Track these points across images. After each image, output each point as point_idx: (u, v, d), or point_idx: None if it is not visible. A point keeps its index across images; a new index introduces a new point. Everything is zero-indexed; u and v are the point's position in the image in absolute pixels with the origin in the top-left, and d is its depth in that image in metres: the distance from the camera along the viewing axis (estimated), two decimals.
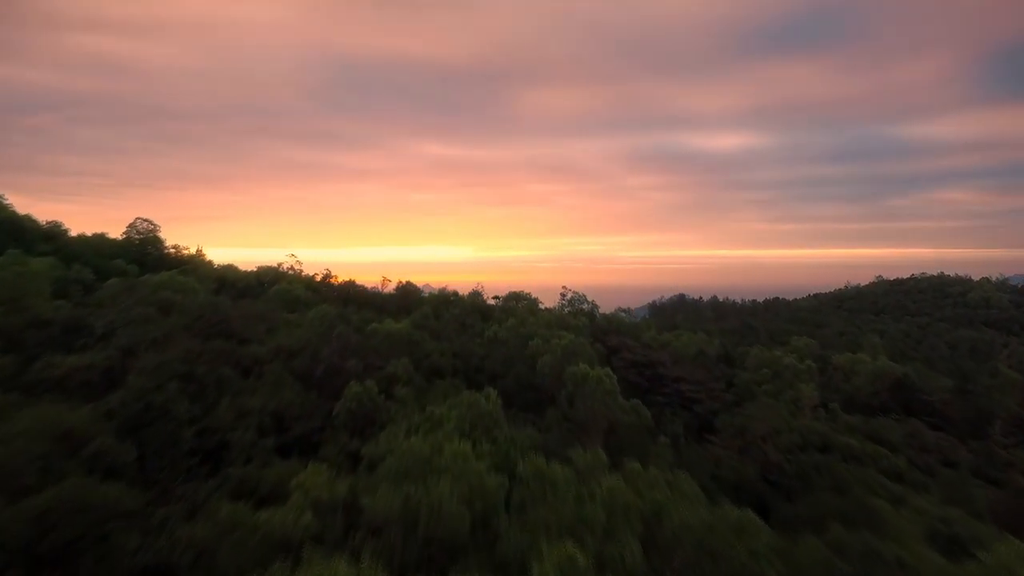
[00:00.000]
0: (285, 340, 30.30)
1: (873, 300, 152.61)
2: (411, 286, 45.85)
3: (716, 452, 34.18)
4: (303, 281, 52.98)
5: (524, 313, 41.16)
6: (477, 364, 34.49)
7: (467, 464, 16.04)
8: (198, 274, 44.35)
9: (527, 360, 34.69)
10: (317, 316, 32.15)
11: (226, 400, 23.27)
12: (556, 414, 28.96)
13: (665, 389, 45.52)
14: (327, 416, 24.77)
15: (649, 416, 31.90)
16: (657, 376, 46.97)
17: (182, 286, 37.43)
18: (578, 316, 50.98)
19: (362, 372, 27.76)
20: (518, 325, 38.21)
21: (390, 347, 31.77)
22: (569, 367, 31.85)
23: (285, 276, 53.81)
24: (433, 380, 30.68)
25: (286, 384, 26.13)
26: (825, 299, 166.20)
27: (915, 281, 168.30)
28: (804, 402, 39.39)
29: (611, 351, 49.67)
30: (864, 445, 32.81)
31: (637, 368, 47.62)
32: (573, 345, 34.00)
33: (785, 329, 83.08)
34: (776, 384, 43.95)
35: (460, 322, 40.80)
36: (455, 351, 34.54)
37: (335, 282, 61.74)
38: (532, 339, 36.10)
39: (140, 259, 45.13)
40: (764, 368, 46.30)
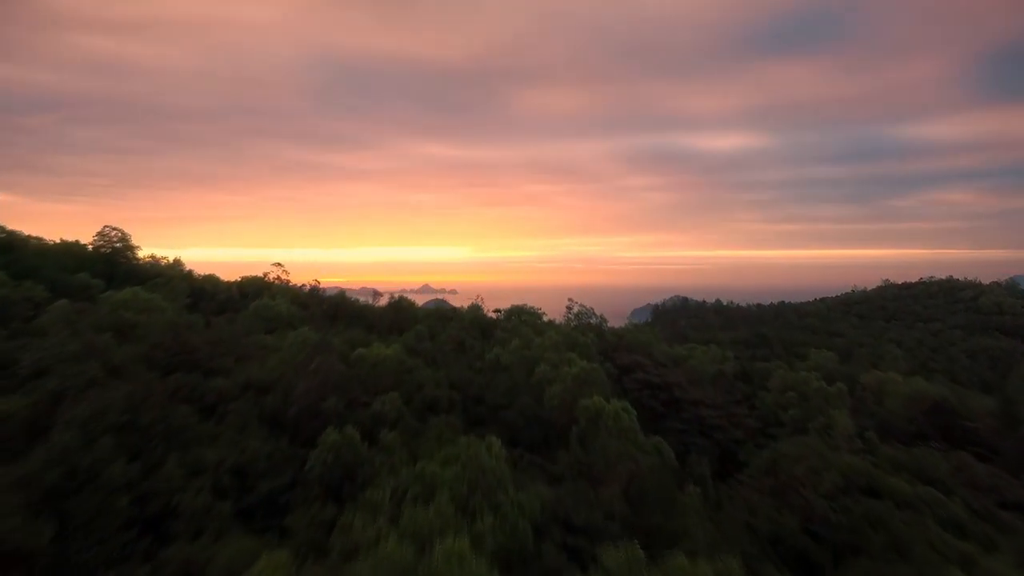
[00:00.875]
0: (257, 372, 26.41)
1: (882, 305, 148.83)
2: (404, 301, 41.93)
3: (747, 495, 30.41)
4: (289, 293, 49.09)
5: (528, 333, 37.28)
6: (477, 394, 30.63)
7: (464, 568, 12.25)
8: (171, 288, 40.46)
9: (533, 389, 30.86)
10: (296, 341, 28.27)
11: (176, 455, 19.39)
12: (569, 458, 25.14)
13: (683, 414, 41.70)
14: (300, 468, 20.92)
15: (673, 456, 28.12)
16: (674, 400, 43.14)
17: (147, 304, 33.56)
18: (586, 332, 47.12)
19: (343, 411, 23.88)
20: (522, 347, 34.36)
21: (378, 378, 27.91)
22: (582, 399, 28.05)
23: (270, 288, 49.93)
24: (427, 417, 26.81)
25: (253, 429, 22.25)
26: (832, 303, 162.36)
27: (924, 285, 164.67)
28: (839, 432, 35.53)
29: (623, 371, 45.85)
30: (915, 487, 28.93)
31: (652, 391, 43.79)
32: (585, 373, 30.16)
33: (800, 340, 79.27)
34: (804, 409, 40.10)
35: (458, 342, 36.95)
36: (452, 380, 30.68)
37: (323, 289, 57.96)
38: (538, 364, 32.27)
39: (108, 272, 41.24)
40: (790, 391, 42.43)
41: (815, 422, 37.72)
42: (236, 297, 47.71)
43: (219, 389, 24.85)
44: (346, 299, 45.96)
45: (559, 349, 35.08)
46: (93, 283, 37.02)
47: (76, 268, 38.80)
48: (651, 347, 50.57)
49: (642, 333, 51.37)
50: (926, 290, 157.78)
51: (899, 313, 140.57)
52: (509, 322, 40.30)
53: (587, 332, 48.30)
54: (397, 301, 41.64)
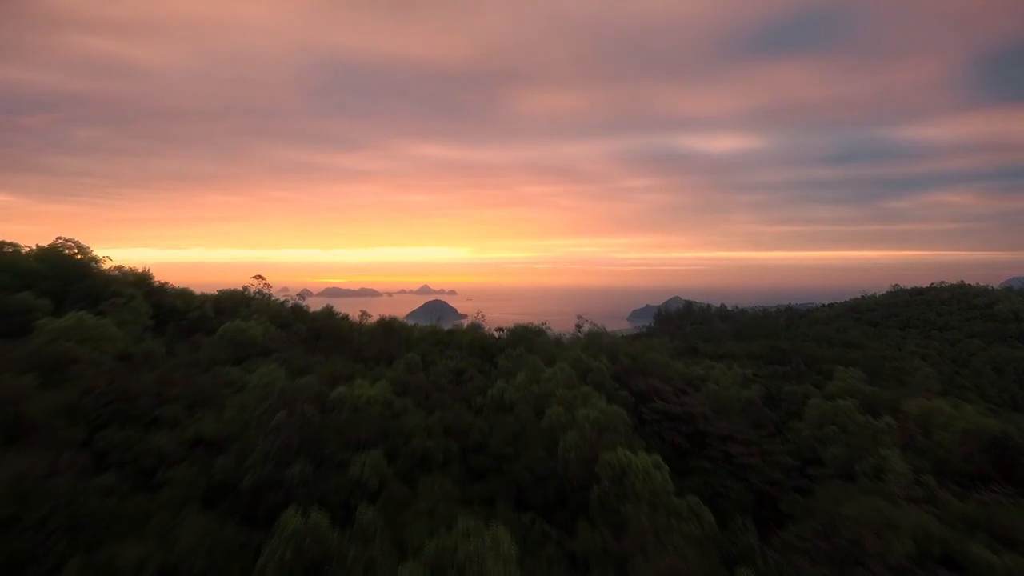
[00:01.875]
0: (210, 424, 21.67)
1: (894, 312, 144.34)
2: (395, 323, 37.05)
3: (800, 564, 25.77)
4: (270, 310, 44.33)
5: (535, 362, 32.53)
6: (477, 441, 25.90)
7: None
8: (132, 308, 35.68)
9: (544, 435, 26.14)
10: (260, 384, 23.52)
11: (80, 557, 14.67)
12: (591, 534, 20.49)
13: (710, 451, 36.94)
14: (251, 564, 16.21)
15: (713, 522, 23.50)
16: (699, 433, 38.43)
17: (94, 332, 28.79)
18: (598, 354, 42.42)
19: (311, 480, 19.15)
20: (529, 381, 29.65)
21: (359, 427, 23.18)
22: (603, 452, 23.36)
23: (249, 304, 45.18)
24: (417, 477, 22.08)
25: (194, 508, 17.49)
26: (841, 309, 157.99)
27: (936, 291, 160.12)
28: (896, 479, 30.86)
29: (639, 398, 41.17)
30: (1001, 556, 24.27)
31: (673, 422, 39.10)
32: (605, 417, 25.44)
33: (819, 354, 74.58)
34: (848, 447, 35.45)
35: (456, 371, 32.24)
36: (448, 424, 25.93)
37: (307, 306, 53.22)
38: (549, 404, 27.56)
39: (61, 290, 36.51)
40: (830, 424, 37.74)
41: (863, 463, 33.17)
42: (210, 315, 42.95)
43: (159, 449, 20.09)
44: (332, 318, 41.20)
45: (572, 383, 30.36)
46: (37, 305, 32.25)
47: (20, 286, 34.06)
48: (668, 368, 45.86)
49: (655, 351, 46.61)
50: (938, 296, 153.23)
51: (912, 320, 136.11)
52: (514, 350, 35.48)
53: (599, 354, 43.57)
54: (388, 322, 36.80)
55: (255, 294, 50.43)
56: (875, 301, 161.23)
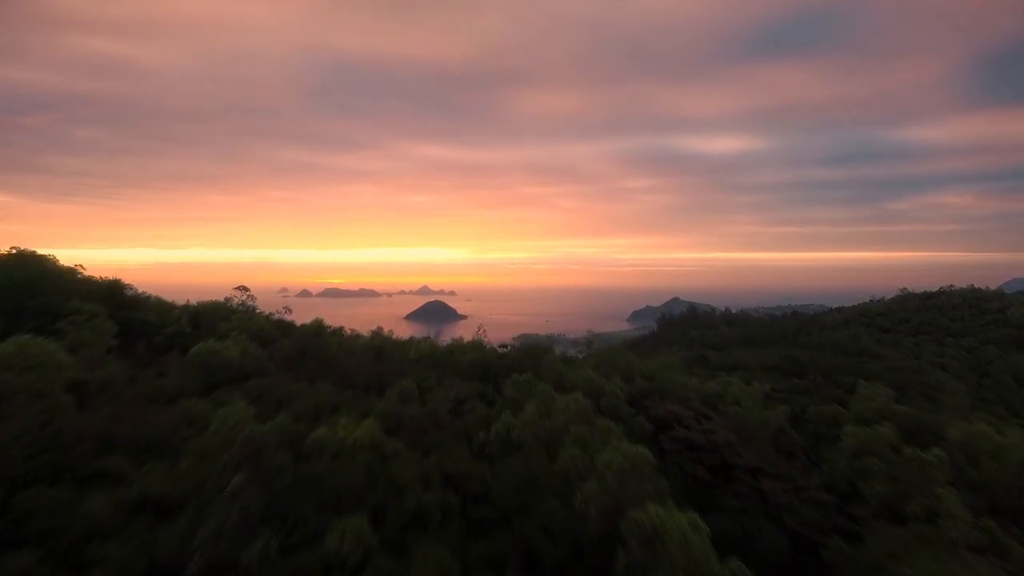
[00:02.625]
0: (158, 482, 18.01)
1: (904, 318, 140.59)
2: (388, 343, 33.21)
3: None
4: (252, 325, 40.64)
5: (545, 389, 28.83)
6: (480, 492, 22.25)
7: None
8: (93, 326, 31.97)
9: (557, 482, 22.47)
10: (222, 428, 19.83)
11: None
12: None
13: (739, 487, 33.26)
14: None
15: None
16: (724, 466, 34.82)
17: (40, 359, 25.08)
18: (611, 375, 38.80)
19: (276, 559, 15.50)
20: (539, 414, 25.97)
21: (340, 479, 19.52)
22: (631, 510, 19.75)
23: (229, 318, 41.48)
24: (409, 541, 18.42)
25: None
26: (850, 314, 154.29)
27: (946, 295, 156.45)
28: (953, 524, 27.24)
29: (657, 425, 37.54)
30: None
31: (696, 452, 35.43)
32: (631, 462, 21.78)
33: (836, 365, 70.92)
34: (894, 484, 31.78)
35: (456, 401, 28.57)
36: (446, 470, 22.27)
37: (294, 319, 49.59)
38: (563, 444, 23.89)
39: (16, 307, 32.85)
40: (870, 455, 34.07)
41: (913, 503, 29.57)
42: (186, 330, 39.26)
43: (94, 516, 16.42)
44: (319, 336, 37.52)
45: (587, 416, 26.67)
46: None
47: None
48: (686, 388, 42.19)
49: (671, 370, 42.97)
50: (949, 300, 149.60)
51: (924, 326, 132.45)
52: (520, 375, 31.79)
53: (611, 373, 39.93)
54: (379, 344, 33.05)
55: (238, 306, 46.73)
56: (884, 306, 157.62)
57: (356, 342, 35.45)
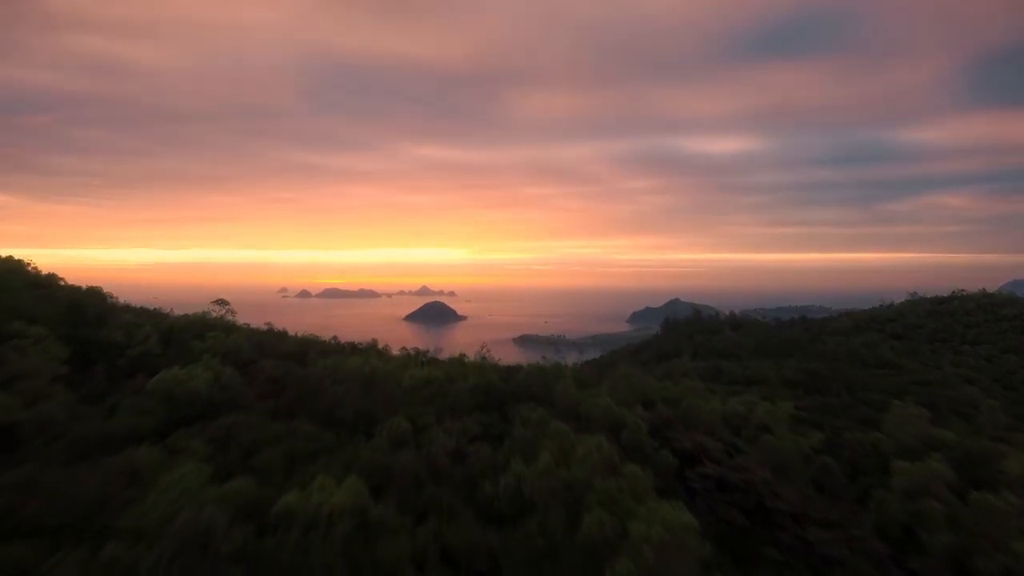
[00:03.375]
0: None
1: (917, 324, 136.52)
2: (379, 375, 28.77)
3: None
4: (232, 344, 36.54)
5: (562, 431, 24.67)
6: (486, 568, 18.16)
7: None
8: (41, 350, 27.83)
9: (582, 556, 18.40)
10: (165, 498, 15.74)
11: None
12: None
13: (780, 535, 29.11)
14: None
15: None
16: (762, 509, 30.75)
17: None
18: (632, 404, 34.74)
19: None
20: (556, 466, 21.87)
21: (311, 563, 15.44)
22: None
23: (204, 335, 37.38)
24: None
25: None
26: (860, 319, 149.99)
27: (959, 300, 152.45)
28: None
29: (684, 459, 33.47)
30: None
31: (729, 493, 31.38)
32: (672, 532, 17.71)
33: (860, 379, 66.86)
34: (959, 533, 27.71)
35: (456, 445, 24.45)
36: (446, 542, 18.18)
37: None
38: (587, 504, 19.81)
39: None
40: (927, 496, 29.99)
41: (987, 559, 25.51)
42: (155, 352, 35.16)
43: None
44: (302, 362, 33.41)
45: (613, 464, 22.57)
46: None
47: None
48: (711, 414, 38.10)
49: (695, 395, 38.89)
50: (962, 306, 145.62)
51: (939, 333, 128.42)
52: (532, 411, 27.64)
53: (630, 399, 35.87)
54: (370, 372, 28.82)
55: (218, 320, 42.65)
56: (895, 311, 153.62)
57: (344, 367, 31.28)
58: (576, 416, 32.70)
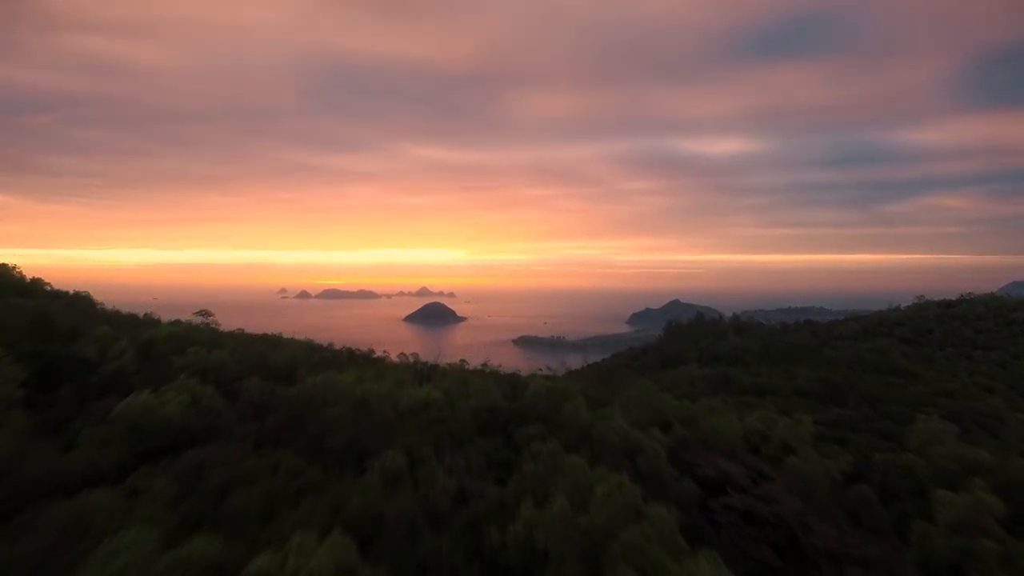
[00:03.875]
0: None
1: (927, 328, 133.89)
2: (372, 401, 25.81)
3: None
4: (215, 361, 33.81)
5: (576, 470, 21.90)
6: None
7: None
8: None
9: None
10: (105, 572, 13.05)
11: None
12: None
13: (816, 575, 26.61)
14: None
15: None
16: (795, 546, 28.06)
17: None
18: (644, 420, 32.06)
19: None
20: (572, 510, 19.16)
21: None
22: None
23: (186, 350, 34.65)
24: None
25: None
26: (867, 323, 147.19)
27: (967, 304, 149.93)
28: None
29: (707, 488, 30.76)
30: None
31: (758, 528, 28.67)
32: None
33: (877, 389, 64.19)
34: (1013, 573, 25.06)
35: (459, 484, 21.75)
36: None
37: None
38: (610, 560, 17.10)
39: None
40: (976, 531, 27.31)
41: None
42: (129, 369, 32.45)
43: None
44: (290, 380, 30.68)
45: (637, 507, 19.85)
46: None
47: None
48: (732, 434, 35.41)
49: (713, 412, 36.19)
50: (972, 310, 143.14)
51: (949, 338, 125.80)
52: (543, 443, 24.90)
53: (644, 418, 33.17)
54: (363, 396, 25.92)
55: (204, 329, 39.91)
56: (903, 315, 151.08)
57: (336, 385, 28.57)
58: (588, 439, 30.03)
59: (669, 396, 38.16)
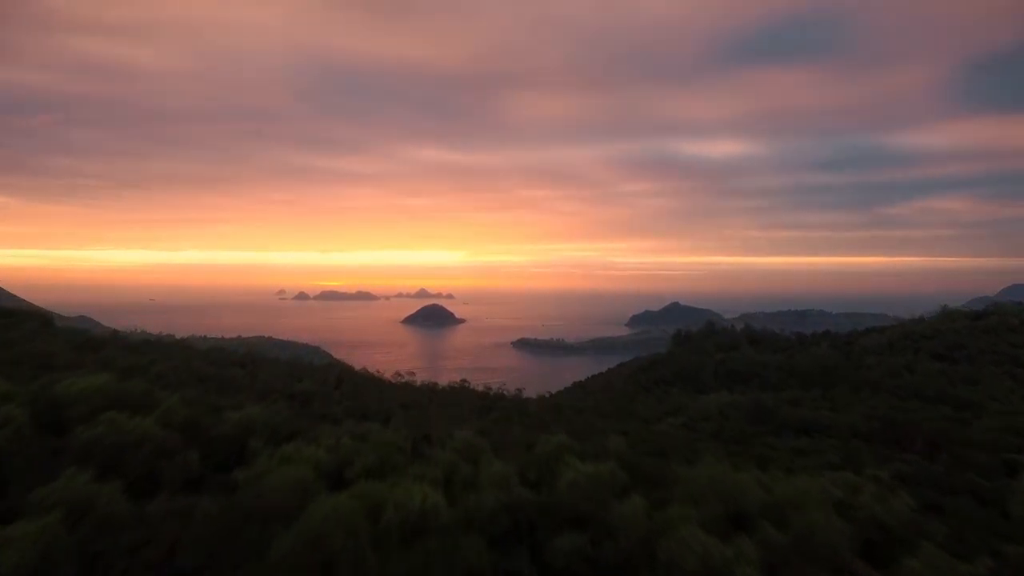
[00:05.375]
0: None
1: (959, 342, 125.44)
2: (334, 536, 18.34)
3: None
4: (135, 435, 24.76)
5: None
6: None
7: None
8: None
9: None
10: None
11: None
12: None
13: None
14: None
15: None
16: None
17: None
18: (723, 527, 23.02)
19: None
20: None
21: None
22: None
23: (114, 399, 25.69)
24: None
25: None
26: (893, 336, 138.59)
27: (998, 315, 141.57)
28: None
29: None
30: None
31: None
32: None
33: (943, 427, 55.55)
34: None
35: None
36: None
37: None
38: None
39: None
40: None
41: None
42: (6, 451, 23.32)
43: None
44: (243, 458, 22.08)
45: None
46: None
47: None
48: (839, 537, 26.62)
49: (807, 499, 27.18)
50: (1004, 322, 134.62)
51: (985, 354, 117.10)
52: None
53: (722, 517, 24.21)
54: (324, 518, 17.95)
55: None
56: (930, 327, 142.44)
57: (293, 480, 19.38)
58: (650, 556, 21.50)
59: (747, 475, 29.25)
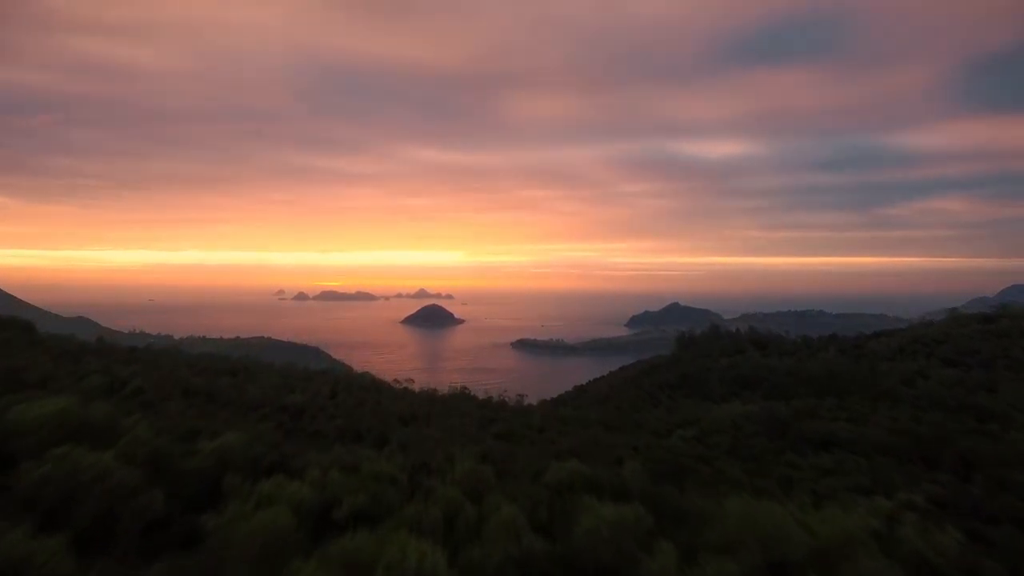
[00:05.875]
0: None
1: (972, 347, 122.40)
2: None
3: None
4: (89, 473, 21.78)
5: None
6: None
7: None
8: None
9: None
10: None
11: None
12: None
13: None
14: None
15: None
16: None
17: None
18: None
19: None
20: None
21: None
22: None
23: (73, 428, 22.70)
24: None
25: None
26: (903, 341, 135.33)
27: (1009, 318, 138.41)
28: None
29: None
30: None
31: None
32: None
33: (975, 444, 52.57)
34: None
35: None
36: None
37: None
38: None
39: None
40: None
41: None
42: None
43: None
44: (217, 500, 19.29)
45: None
46: None
47: None
48: None
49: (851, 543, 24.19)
50: (1016, 325, 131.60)
51: (999, 360, 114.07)
52: None
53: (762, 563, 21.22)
54: None
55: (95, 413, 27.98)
56: (939, 331, 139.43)
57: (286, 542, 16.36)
58: None
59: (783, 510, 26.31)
